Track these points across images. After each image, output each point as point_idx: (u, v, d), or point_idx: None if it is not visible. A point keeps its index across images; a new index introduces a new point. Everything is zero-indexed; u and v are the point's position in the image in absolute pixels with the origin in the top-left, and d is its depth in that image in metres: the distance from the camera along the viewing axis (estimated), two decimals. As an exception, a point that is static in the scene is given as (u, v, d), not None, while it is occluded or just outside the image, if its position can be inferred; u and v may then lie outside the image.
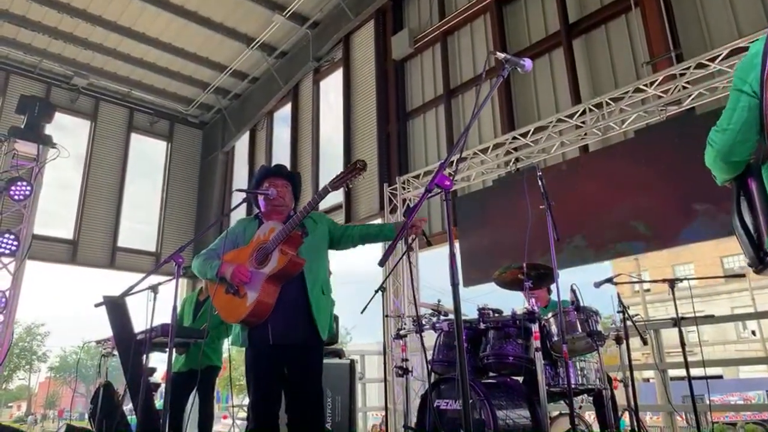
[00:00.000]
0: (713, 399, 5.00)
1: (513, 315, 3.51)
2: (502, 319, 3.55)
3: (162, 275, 3.66)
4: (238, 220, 3.16)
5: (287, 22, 10.47)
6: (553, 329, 3.39)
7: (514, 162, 6.98)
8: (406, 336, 4.17)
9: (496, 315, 3.62)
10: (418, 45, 9.10)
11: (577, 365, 3.49)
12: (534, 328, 3.23)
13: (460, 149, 1.84)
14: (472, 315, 3.68)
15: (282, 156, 11.31)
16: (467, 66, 8.49)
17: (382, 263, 1.74)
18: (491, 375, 3.65)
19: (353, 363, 5.42)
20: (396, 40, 9.27)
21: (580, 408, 4.04)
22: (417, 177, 7.90)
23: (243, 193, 3.14)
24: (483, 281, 6.36)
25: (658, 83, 5.70)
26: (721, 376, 21.91)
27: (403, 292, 7.22)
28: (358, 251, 3.10)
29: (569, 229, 5.85)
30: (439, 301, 4.10)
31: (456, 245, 7.83)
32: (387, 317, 6.74)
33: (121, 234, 11.95)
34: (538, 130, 6.64)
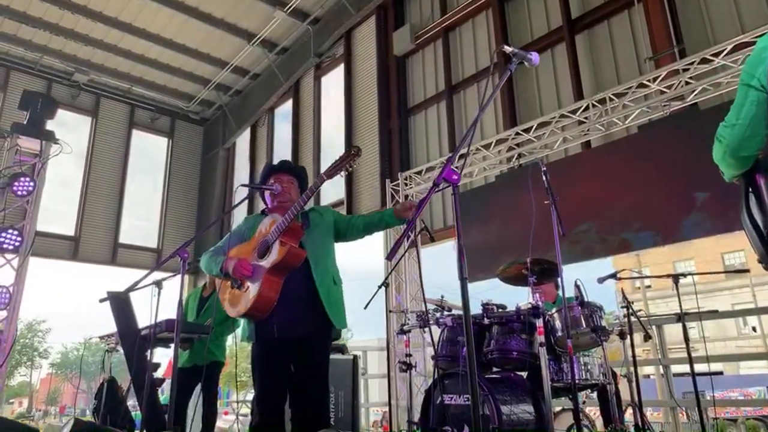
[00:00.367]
0: (714, 395, 5.01)
1: (517, 310, 3.51)
2: (506, 315, 3.55)
3: (163, 271, 3.66)
4: (245, 217, 3.16)
5: (288, 18, 10.45)
6: (557, 324, 3.38)
7: (516, 158, 6.97)
8: (410, 331, 4.17)
9: (499, 310, 3.62)
10: (419, 41, 9.08)
11: (581, 360, 3.49)
12: (538, 323, 3.22)
13: (468, 143, 1.83)
14: (475, 310, 3.67)
15: (283, 152, 11.29)
16: (469, 62, 8.47)
17: (390, 257, 1.74)
18: (495, 370, 3.66)
19: (356, 359, 5.44)
20: (397, 35, 9.25)
21: (583, 403, 4.04)
22: (419, 173, 7.89)
23: (246, 190, 3.14)
24: (484, 277, 6.35)
25: (661, 79, 5.68)
26: (722, 372, 21.93)
27: (406, 288, 7.22)
28: (357, 249, 3.10)
29: (571, 225, 5.84)
30: (443, 297, 4.11)
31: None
32: (390, 312, 6.74)
33: (122, 230, 11.99)
34: (540, 125, 6.62)
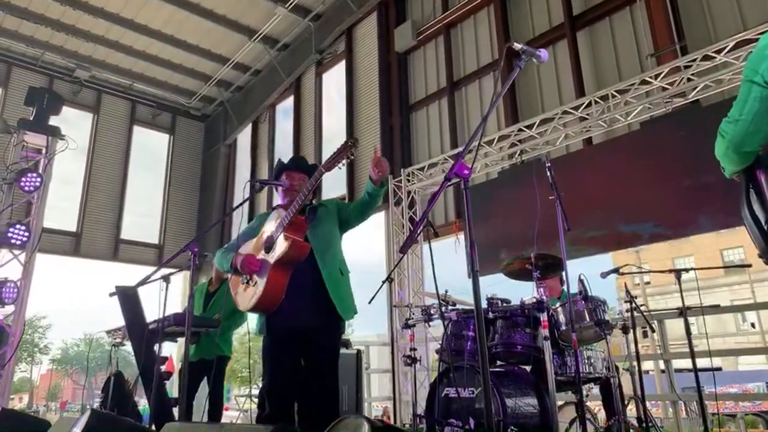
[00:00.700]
0: (713, 391, 5.04)
1: (521, 304, 3.55)
2: (510, 309, 3.59)
3: (166, 267, 3.66)
4: (257, 215, 3.21)
5: (290, 14, 10.45)
6: (561, 318, 3.42)
7: (518, 154, 7.00)
8: (414, 326, 4.21)
9: (504, 305, 3.66)
10: (421, 37, 9.09)
11: (585, 354, 3.53)
12: (542, 317, 3.26)
13: (479, 137, 1.86)
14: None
15: (284, 149, 11.32)
16: (470, 58, 8.48)
17: (403, 250, 1.77)
18: (499, 364, 3.70)
19: (360, 353, 5.48)
20: (399, 32, 9.25)
21: (586, 396, 4.09)
22: (421, 169, 7.92)
23: (249, 186, 3.18)
24: (487, 273, 6.39)
25: (663, 75, 5.71)
26: (721, 368, 22.02)
27: (408, 283, 7.27)
28: (357, 245, 3.13)
29: (572, 221, 5.87)
30: (446, 291, 4.15)
31: (460, 237, 7.82)
32: (395, 307, 6.78)
33: (124, 226, 12.01)
34: (542, 122, 6.65)
